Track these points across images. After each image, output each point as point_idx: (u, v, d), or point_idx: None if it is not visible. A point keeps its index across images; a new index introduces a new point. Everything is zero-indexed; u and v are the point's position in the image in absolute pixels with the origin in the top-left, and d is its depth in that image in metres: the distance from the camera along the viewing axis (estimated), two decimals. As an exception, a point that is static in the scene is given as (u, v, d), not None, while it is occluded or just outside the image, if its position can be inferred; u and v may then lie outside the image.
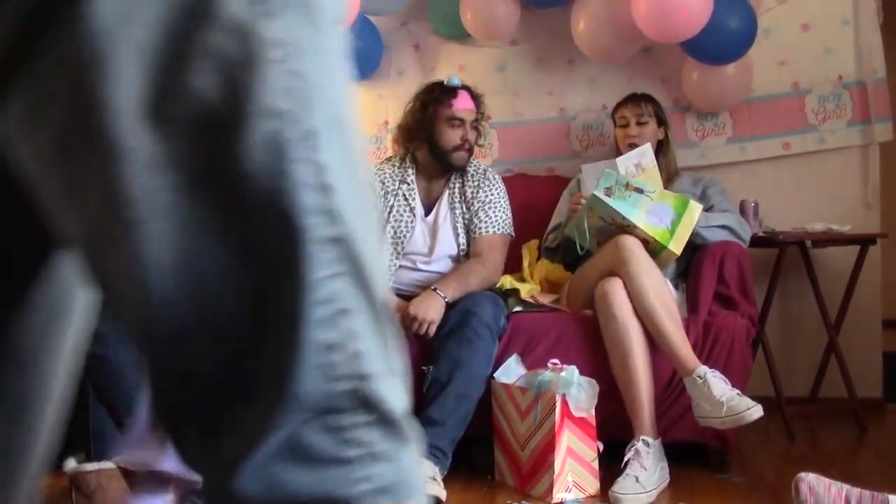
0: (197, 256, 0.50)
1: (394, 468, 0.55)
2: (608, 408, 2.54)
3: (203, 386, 0.53)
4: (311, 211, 0.51)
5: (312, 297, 0.51)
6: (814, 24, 3.47)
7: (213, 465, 0.54)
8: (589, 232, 2.79)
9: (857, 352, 3.43)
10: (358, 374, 0.53)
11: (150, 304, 0.51)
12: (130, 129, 0.48)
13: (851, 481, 1.96)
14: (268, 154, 0.49)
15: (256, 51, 0.49)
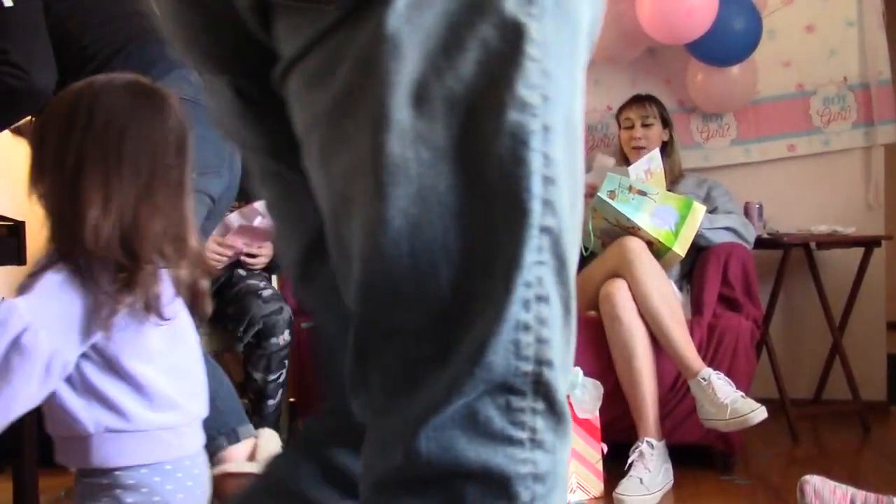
0: (428, 224, 0.56)
1: (550, 460, 0.60)
2: (612, 409, 2.54)
3: (405, 347, 0.59)
4: (537, 198, 0.56)
5: (521, 277, 0.56)
6: (818, 26, 3.47)
7: (396, 423, 0.59)
8: (593, 233, 2.79)
9: (861, 354, 3.42)
10: (540, 359, 0.58)
11: (378, 264, 0.57)
12: (401, 102, 0.54)
13: (856, 483, 1.96)
14: (510, 141, 0.55)
15: (520, 47, 0.54)
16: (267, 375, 2.67)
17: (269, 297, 2.68)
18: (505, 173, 0.56)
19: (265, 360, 2.65)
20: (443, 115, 0.55)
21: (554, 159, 0.57)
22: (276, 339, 2.64)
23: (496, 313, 0.56)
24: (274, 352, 2.65)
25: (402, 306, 0.58)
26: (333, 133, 0.58)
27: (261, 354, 2.65)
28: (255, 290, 2.69)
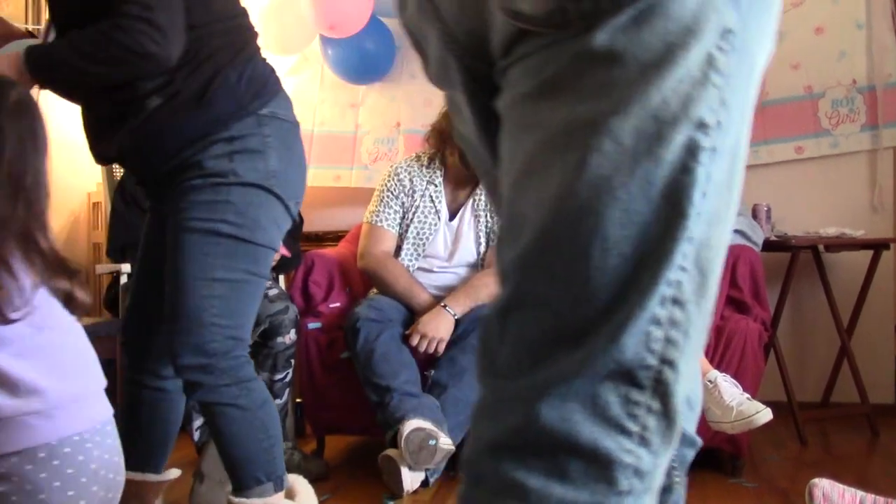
0: (597, 211, 0.62)
1: (652, 461, 0.64)
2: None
3: (548, 317, 0.65)
4: (694, 208, 0.62)
5: (665, 275, 0.62)
6: (827, 28, 3.47)
7: (521, 388, 0.65)
8: None
9: (869, 357, 3.41)
10: (665, 358, 0.63)
11: (548, 236, 0.64)
12: None
13: (864, 486, 1.96)
14: (684, 153, 0.62)
15: (708, 74, 0.63)
16: (273, 375, 2.67)
17: (275, 297, 2.69)
18: (673, 180, 0.62)
19: (271, 360, 2.65)
20: (646, 123, 0.63)
21: (714, 179, 0.63)
22: (281, 339, 2.64)
23: (637, 302, 0.62)
24: (280, 351, 2.65)
25: (558, 280, 0.64)
26: (528, 113, 0.66)
27: (267, 354, 2.65)
28: None
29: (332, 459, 2.90)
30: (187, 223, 1.71)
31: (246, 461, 1.78)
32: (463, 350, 2.60)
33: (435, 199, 2.94)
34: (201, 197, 1.70)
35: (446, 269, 2.94)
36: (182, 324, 1.71)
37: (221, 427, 1.76)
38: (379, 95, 3.83)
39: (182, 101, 1.70)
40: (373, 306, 2.74)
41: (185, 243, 1.71)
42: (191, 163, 1.71)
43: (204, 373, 1.72)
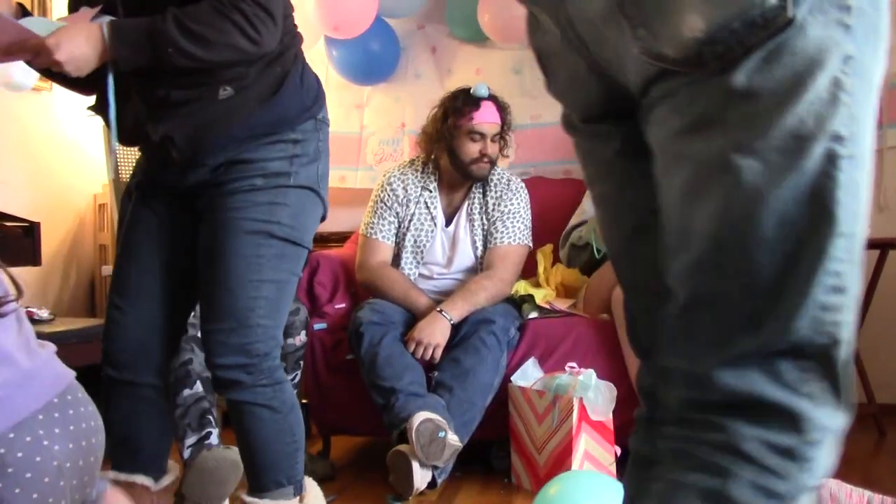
0: (759, 218, 0.75)
1: (823, 429, 0.79)
2: (626, 412, 2.53)
3: (724, 310, 0.78)
4: (843, 207, 0.74)
5: (827, 267, 0.75)
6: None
7: (706, 365, 0.79)
8: None
9: (876, 357, 3.40)
10: (833, 338, 0.77)
11: (719, 243, 0.77)
12: None
13: (871, 486, 1.95)
14: (823, 162, 0.74)
15: (838, 96, 0.74)
16: None
17: None
18: (819, 186, 0.74)
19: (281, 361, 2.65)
20: (785, 139, 0.75)
21: (854, 181, 0.76)
22: (292, 340, 2.64)
23: (803, 292, 0.75)
24: (290, 352, 2.65)
25: (730, 277, 0.78)
26: (684, 146, 0.79)
27: None
28: None
29: (338, 460, 2.90)
30: (243, 224, 1.69)
31: (271, 464, 1.79)
32: (465, 351, 2.59)
33: (430, 205, 2.94)
34: (260, 198, 1.70)
35: (445, 275, 2.94)
36: (228, 324, 1.70)
37: (251, 427, 1.76)
38: (384, 96, 3.83)
39: (253, 96, 1.69)
40: (375, 309, 2.74)
41: (239, 244, 1.70)
42: (249, 160, 1.70)
43: (245, 372, 1.72)
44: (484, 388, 2.57)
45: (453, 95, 2.94)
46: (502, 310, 2.76)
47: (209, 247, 1.73)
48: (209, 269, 1.73)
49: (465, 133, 2.86)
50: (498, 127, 2.90)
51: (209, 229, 1.73)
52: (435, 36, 3.82)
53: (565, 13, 0.86)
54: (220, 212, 1.71)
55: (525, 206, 2.98)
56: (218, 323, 1.72)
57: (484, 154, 2.86)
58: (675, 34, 0.75)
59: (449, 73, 3.76)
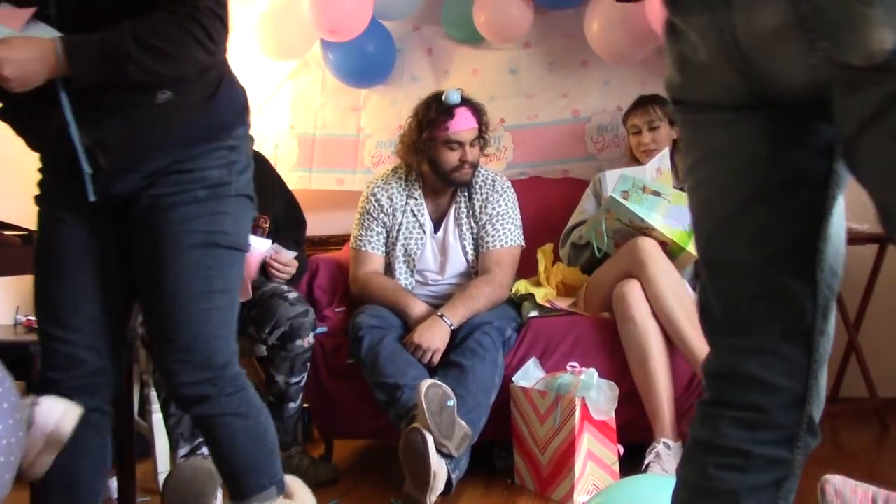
0: None
1: None
2: (628, 410, 2.53)
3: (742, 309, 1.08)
4: None
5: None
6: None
7: None
8: (607, 234, 2.78)
9: (877, 351, 3.40)
10: None
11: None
12: None
13: (874, 481, 1.95)
14: None
15: None
16: (290, 378, 2.66)
17: (295, 300, 2.69)
18: None
19: (289, 363, 2.65)
20: None
21: None
22: (300, 342, 2.64)
23: None
24: (298, 354, 2.64)
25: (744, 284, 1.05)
26: None
27: (285, 357, 2.64)
28: (280, 292, 2.70)
29: (341, 464, 2.90)
30: (189, 237, 1.64)
31: (250, 469, 1.77)
32: (463, 354, 2.59)
33: (417, 212, 2.93)
34: (203, 209, 1.65)
35: (440, 281, 2.93)
36: (185, 342, 1.65)
37: (224, 438, 1.73)
38: (380, 98, 3.82)
39: (193, 100, 1.63)
40: (373, 314, 2.74)
41: (187, 258, 1.64)
42: (189, 169, 1.64)
43: (210, 385, 1.68)
44: (485, 386, 2.56)
45: (426, 105, 2.90)
46: (498, 312, 2.76)
47: (154, 262, 1.65)
48: (156, 286, 1.65)
49: (443, 143, 2.85)
50: (475, 132, 2.88)
51: (150, 244, 1.64)
52: (431, 37, 3.81)
53: (731, 30, 0.97)
54: (161, 225, 1.63)
55: (513, 205, 2.97)
56: (174, 341, 1.65)
57: (464, 161, 2.86)
58: (864, 47, 0.86)
59: (446, 74, 3.75)
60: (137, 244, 1.67)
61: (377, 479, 2.66)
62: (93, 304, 1.69)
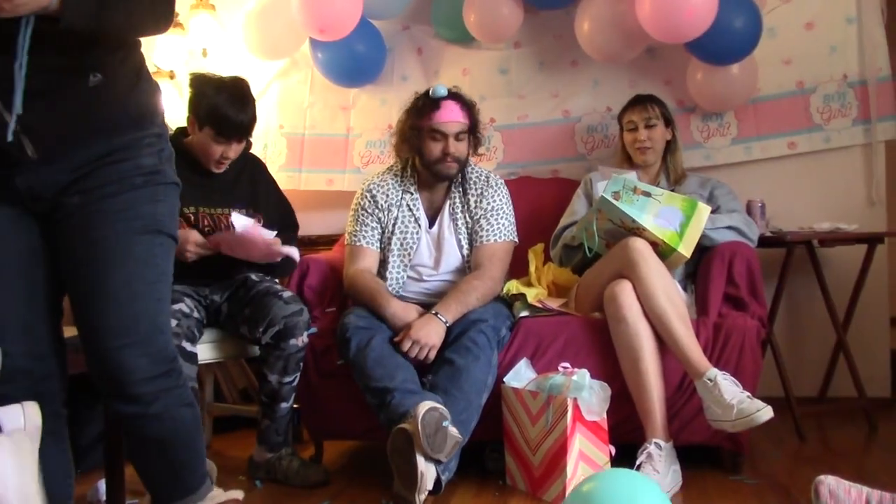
0: None
1: None
2: (620, 411, 2.53)
3: None
4: None
5: None
6: (818, 23, 3.47)
7: None
8: (598, 234, 2.78)
9: (865, 350, 3.42)
10: None
11: None
12: None
13: (864, 480, 1.96)
14: None
15: None
16: (283, 378, 2.64)
17: (290, 299, 2.67)
18: None
19: (282, 362, 2.63)
20: None
21: None
22: (294, 341, 2.62)
23: None
24: (292, 353, 2.63)
25: None
26: None
27: (278, 356, 2.62)
28: (274, 291, 2.68)
29: (331, 465, 2.88)
30: (133, 224, 1.58)
31: (195, 460, 1.74)
32: (457, 352, 2.58)
33: (412, 206, 2.93)
34: (142, 196, 1.60)
35: (434, 276, 2.92)
36: (144, 334, 1.59)
37: (175, 432, 1.68)
38: (370, 98, 3.81)
39: (120, 87, 1.57)
40: (361, 315, 2.73)
41: (134, 246, 1.58)
42: (122, 159, 1.59)
43: (167, 377, 1.63)
44: (478, 386, 2.55)
45: (416, 97, 2.94)
46: (493, 310, 2.75)
47: (100, 255, 1.57)
48: (104, 280, 1.57)
49: (428, 133, 2.86)
50: (461, 125, 2.87)
51: (93, 237, 1.57)
52: (420, 37, 3.80)
53: None
54: (103, 216, 1.57)
55: (507, 201, 2.97)
56: (128, 336, 1.58)
57: (447, 153, 2.85)
58: None
59: (436, 74, 3.74)
60: (74, 241, 1.59)
61: (368, 481, 2.65)
62: (31, 313, 1.62)
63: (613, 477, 1.74)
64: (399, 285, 2.91)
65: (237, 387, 3.64)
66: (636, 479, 1.69)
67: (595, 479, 1.71)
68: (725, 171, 3.47)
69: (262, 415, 2.71)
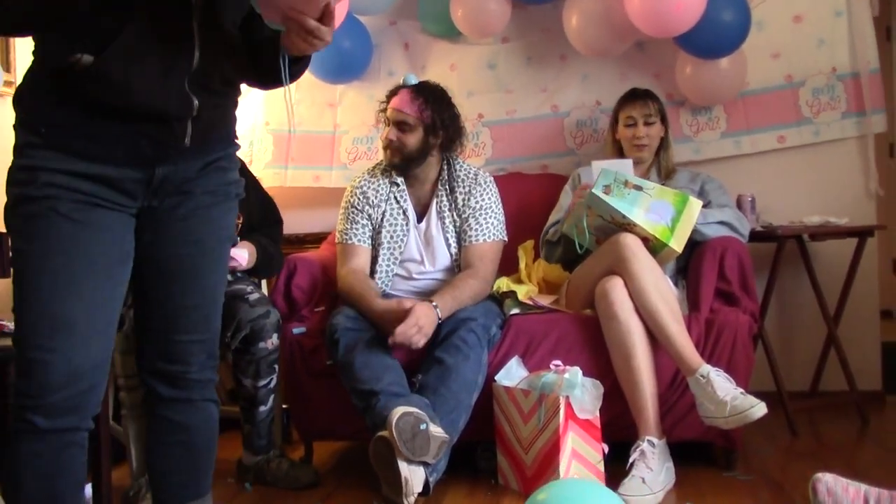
0: None
1: None
2: (612, 408, 2.51)
3: None
4: None
5: None
6: (806, 17, 3.46)
7: None
8: (588, 230, 2.76)
9: (856, 344, 3.42)
10: None
11: None
12: None
13: (856, 475, 1.95)
14: None
15: None
16: (256, 381, 2.61)
17: (256, 302, 2.63)
18: None
19: (254, 366, 2.60)
20: None
21: None
22: (263, 344, 2.59)
23: None
24: (262, 357, 2.59)
25: None
26: None
27: (249, 360, 2.59)
28: (241, 294, 2.64)
29: (321, 466, 2.86)
30: (224, 234, 1.71)
31: (209, 463, 1.78)
32: (447, 351, 2.56)
33: (400, 199, 2.91)
34: (232, 208, 1.72)
35: (425, 274, 2.90)
36: (209, 334, 1.71)
37: (204, 422, 1.74)
38: (357, 94, 3.78)
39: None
40: (349, 315, 2.70)
41: (223, 256, 1.72)
42: (227, 167, 1.70)
43: (213, 371, 1.75)
44: (468, 386, 2.53)
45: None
46: (483, 308, 2.73)
47: (193, 257, 1.65)
48: (191, 281, 1.66)
49: (385, 118, 2.89)
50: (405, 116, 2.83)
51: (192, 239, 1.65)
52: (407, 32, 3.77)
53: None
54: (204, 221, 1.66)
55: (495, 199, 2.95)
56: (200, 333, 1.69)
57: (389, 140, 2.85)
58: None
59: (423, 69, 3.71)
60: (174, 237, 1.64)
61: (358, 482, 2.62)
62: (106, 317, 1.56)
63: (569, 487, 1.75)
64: (388, 279, 2.88)
65: (225, 388, 3.60)
66: (593, 489, 1.71)
67: (550, 488, 1.73)
68: (715, 165, 3.46)
69: (243, 419, 2.68)
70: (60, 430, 1.51)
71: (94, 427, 1.61)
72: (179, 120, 1.56)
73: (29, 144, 1.51)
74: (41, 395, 1.47)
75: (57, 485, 1.53)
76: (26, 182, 1.50)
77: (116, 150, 1.53)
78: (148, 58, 1.49)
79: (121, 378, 2.58)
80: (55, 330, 1.48)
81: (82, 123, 1.51)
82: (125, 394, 2.58)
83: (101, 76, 1.47)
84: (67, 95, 1.50)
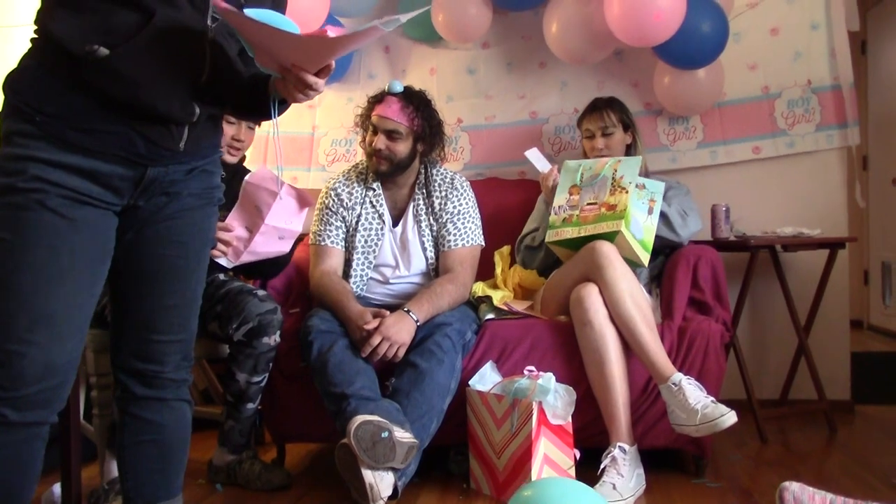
0: None
1: None
2: (584, 415, 2.53)
3: None
4: None
5: None
6: (783, 29, 3.50)
7: None
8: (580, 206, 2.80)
9: (826, 353, 3.46)
10: None
11: None
12: None
13: (824, 483, 1.97)
14: None
15: None
16: (252, 377, 2.60)
17: (265, 297, 2.64)
18: None
19: (252, 361, 2.59)
20: None
21: None
22: (267, 339, 2.58)
23: None
24: (263, 353, 2.59)
25: None
26: None
27: (249, 354, 2.58)
28: (249, 289, 2.65)
29: (293, 468, 2.85)
30: (205, 237, 1.73)
31: (181, 463, 1.79)
32: (422, 355, 2.56)
33: (376, 202, 2.90)
34: (213, 212, 1.75)
35: (401, 278, 2.90)
36: (186, 335, 1.72)
37: (175, 423, 1.76)
38: (336, 96, 3.77)
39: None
40: (324, 318, 2.69)
41: (203, 259, 1.73)
42: (209, 171, 1.71)
43: (185, 372, 1.76)
44: (441, 390, 2.53)
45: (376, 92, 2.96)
46: (459, 313, 2.74)
47: (174, 258, 1.67)
48: (171, 282, 1.67)
49: (370, 126, 2.88)
50: (395, 124, 2.83)
51: (175, 240, 1.66)
52: (388, 35, 3.77)
53: None
54: (188, 225, 1.68)
55: (472, 203, 2.96)
56: (176, 334, 1.71)
57: (375, 148, 2.83)
58: None
59: (403, 73, 3.72)
60: (157, 237, 1.65)
61: (330, 484, 2.62)
62: (84, 313, 1.56)
63: (554, 485, 1.75)
64: (363, 283, 2.88)
65: (198, 388, 3.58)
66: (577, 488, 1.71)
67: (535, 485, 1.72)
68: (691, 174, 3.49)
69: (226, 415, 2.66)
70: (28, 423, 1.50)
71: (64, 424, 1.61)
72: (179, 124, 1.59)
73: (20, 133, 1.49)
74: (15, 387, 1.46)
75: (16, 477, 1.52)
76: (14, 172, 1.48)
77: (111, 145, 1.53)
78: (160, 62, 1.53)
79: (93, 377, 2.56)
80: (35, 323, 1.47)
81: (81, 115, 1.50)
82: (97, 392, 2.56)
83: (113, 70, 1.48)
84: (71, 85, 1.49)
